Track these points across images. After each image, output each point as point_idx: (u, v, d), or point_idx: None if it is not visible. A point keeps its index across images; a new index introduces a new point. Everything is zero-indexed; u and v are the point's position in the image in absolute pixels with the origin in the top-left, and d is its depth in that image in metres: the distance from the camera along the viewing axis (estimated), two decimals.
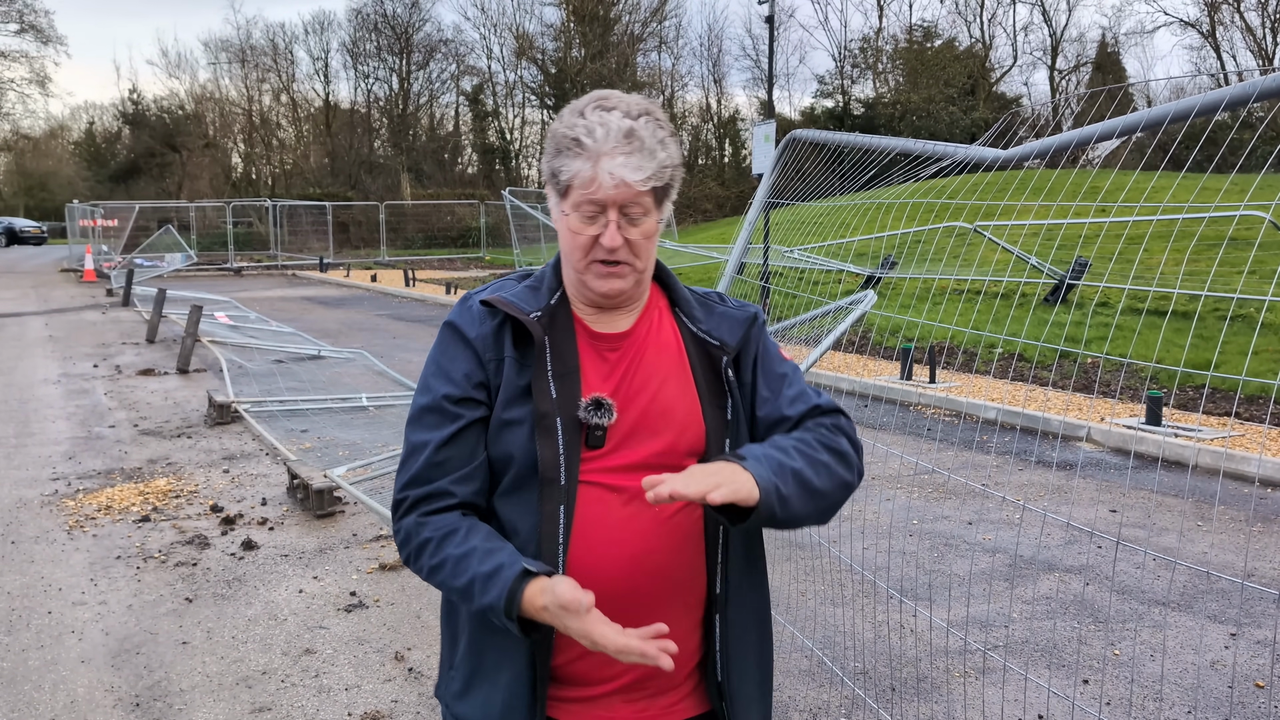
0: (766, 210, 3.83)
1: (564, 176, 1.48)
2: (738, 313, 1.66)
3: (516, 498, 1.52)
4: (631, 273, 1.52)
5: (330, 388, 9.86)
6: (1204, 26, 38.81)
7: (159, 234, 29.93)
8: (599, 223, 1.48)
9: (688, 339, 1.61)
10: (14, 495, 6.38)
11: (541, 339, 1.52)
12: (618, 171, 1.44)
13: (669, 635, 1.44)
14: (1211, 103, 1.78)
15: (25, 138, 55.53)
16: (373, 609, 4.54)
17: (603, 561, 1.50)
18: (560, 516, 1.49)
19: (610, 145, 1.45)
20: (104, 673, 3.92)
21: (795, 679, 3.84)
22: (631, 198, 1.47)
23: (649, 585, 1.52)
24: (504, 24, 48.95)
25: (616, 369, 1.56)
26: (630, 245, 1.50)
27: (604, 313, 1.59)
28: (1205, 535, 5.55)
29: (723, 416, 1.58)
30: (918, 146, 2.84)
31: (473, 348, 1.54)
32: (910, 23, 44.35)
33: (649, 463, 1.53)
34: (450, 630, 1.63)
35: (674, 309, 1.65)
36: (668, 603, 1.54)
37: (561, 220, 1.53)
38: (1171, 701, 3.66)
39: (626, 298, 1.57)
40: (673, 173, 1.52)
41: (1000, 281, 13.00)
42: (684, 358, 1.60)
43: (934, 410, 8.93)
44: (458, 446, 1.52)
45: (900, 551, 5.26)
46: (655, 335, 1.60)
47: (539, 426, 1.49)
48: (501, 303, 1.54)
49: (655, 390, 1.56)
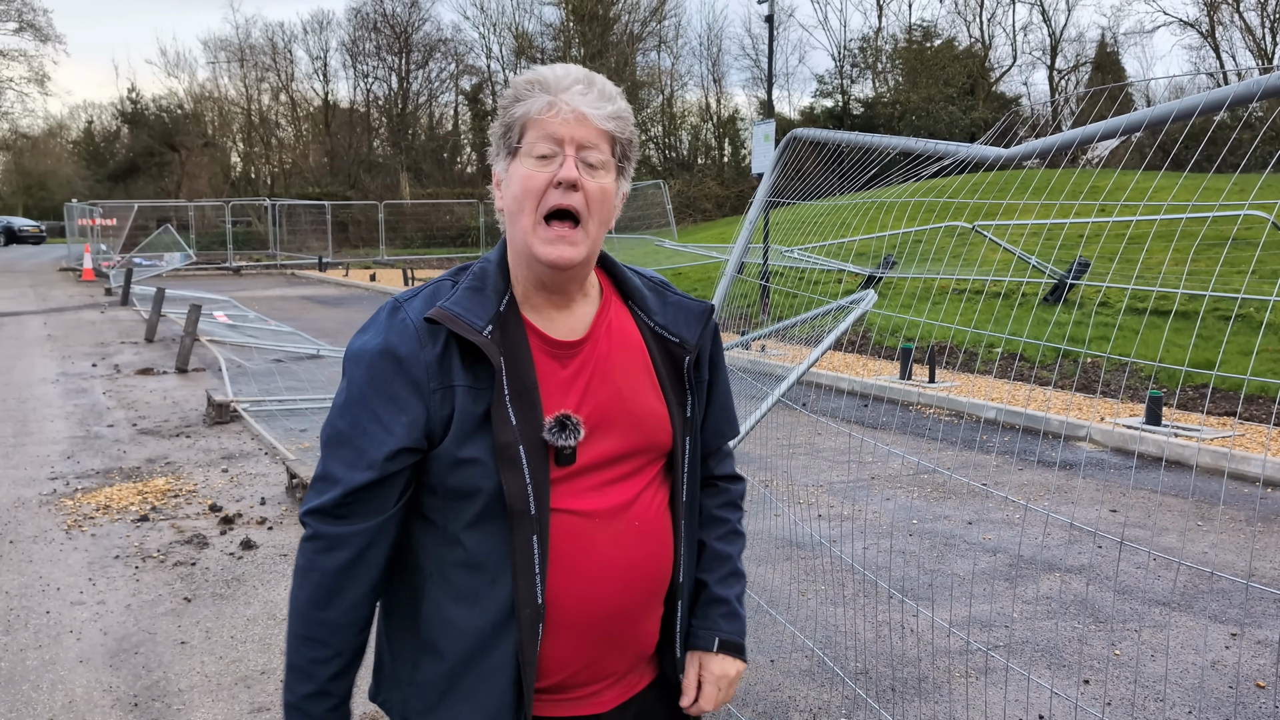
0: (766, 210, 3.82)
1: (518, 114, 1.41)
2: (692, 304, 1.61)
3: (484, 531, 1.43)
4: (583, 238, 1.41)
5: (329, 387, 9.85)
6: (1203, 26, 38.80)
7: (158, 233, 29.91)
8: (554, 162, 1.39)
9: (646, 334, 1.55)
10: (12, 495, 6.37)
11: (498, 362, 1.40)
12: (575, 101, 1.39)
13: (644, 632, 1.55)
14: (1214, 101, 1.77)
15: (24, 137, 55.49)
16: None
17: (586, 585, 1.46)
18: (534, 548, 1.41)
19: (569, 83, 1.41)
20: (102, 672, 3.91)
21: (795, 679, 3.83)
22: (591, 136, 1.40)
23: (633, 596, 1.51)
24: (503, 23, 48.89)
25: (579, 379, 1.47)
26: (586, 195, 1.40)
27: (555, 310, 1.49)
28: (1206, 535, 5.54)
29: (684, 414, 1.56)
30: (919, 145, 2.83)
31: (415, 381, 1.40)
32: (910, 22, 44.36)
33: (621, 472, 1.50)
34: (402, 646, 1.53)
35: (627, 302, 1.57)
36: (646, 607, 1.55)
37: (514, 175, 1.42)
38: (1172, 702, 3.65)
39: (574, 274, 1.46)
40: (630, 132, 1.46)
41: (1000, 281, 13.00)
42: (646, 355, 1.54)
43: (934, 410, 8.93)
44: (377, 494, 1.43)
45: (900, 551, 5.25)
46: (616, 335, 1.53)
47: (501, 459, 1.39)
48: (448, 319, 1.39)
49: (622, 397, 1.49)
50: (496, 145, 1.47)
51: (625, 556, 1.48)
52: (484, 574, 1.43)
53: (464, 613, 1.45)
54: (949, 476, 6.58)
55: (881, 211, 10.91)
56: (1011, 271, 13.10)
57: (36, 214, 51.62)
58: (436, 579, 1.47)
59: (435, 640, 1.47)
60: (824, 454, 7.31)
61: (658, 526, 1.53)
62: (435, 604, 1.47)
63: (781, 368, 10.14)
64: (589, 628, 1.48)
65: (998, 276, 12.64)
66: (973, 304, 11.92)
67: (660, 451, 1.54)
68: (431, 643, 1.47)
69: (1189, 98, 1.80)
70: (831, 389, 9.74)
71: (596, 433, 1.46)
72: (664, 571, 1.55)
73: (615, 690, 1.56)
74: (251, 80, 49.81)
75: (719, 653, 1.63)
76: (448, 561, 1.46)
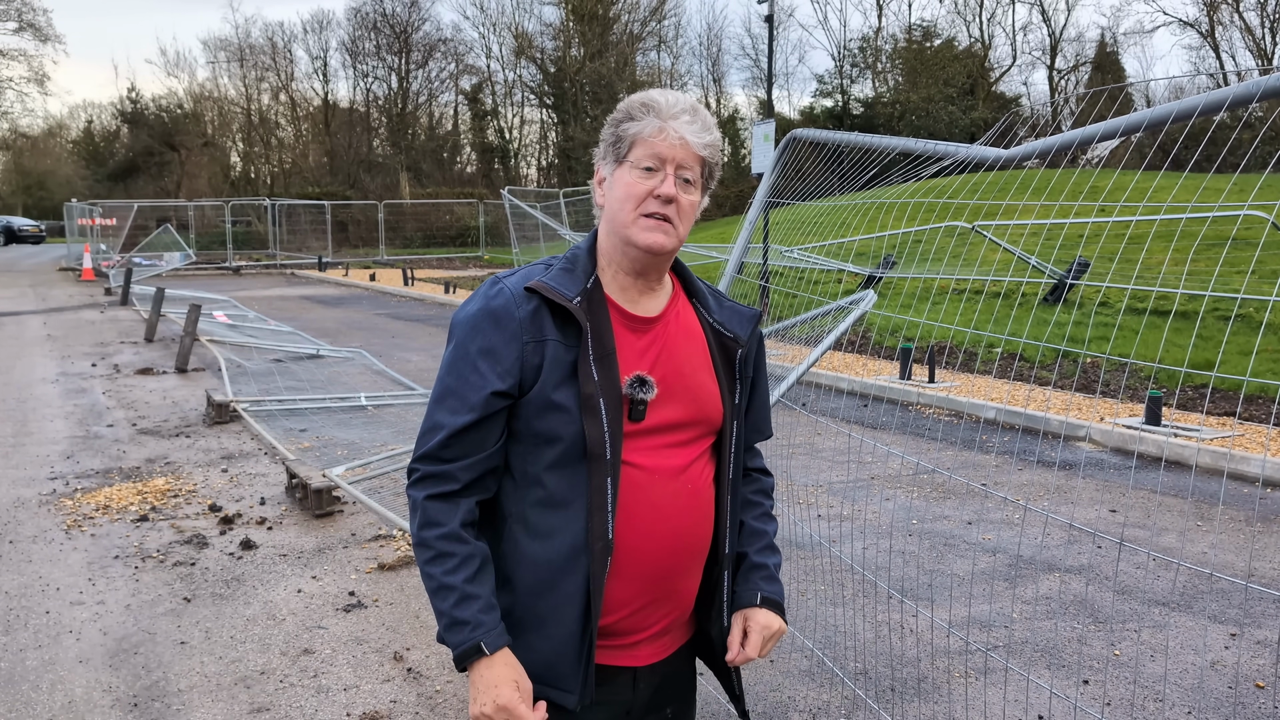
0: (766, 210, 3.82)
1: (630, 131, 1.64)
2: (744, 310, 1.84)
3: (565, 472, 1.63)
4: (674, 233, 1.65)
5: (329, 387, 9.85)
6: (1203, 26, 38.81)
7: (157, 233, 29.90)
8: (656, 177, 1.63)
9: (706, 328, 1.77)
10: (12, 495, 6.36)
11: (585, 324, 1.62)
12: (682, 130, 1.63)
13: (685, 589, 1.75)
14: (1215, 102, 1.77)
15: (24, 136, 55.48)
16: (371, 609, 4.53)
17: (646, 531, 1.66)
18: (608, 489, 1.61)
19: (677, 110, 1.65)
20: (102, 672, 3.91)
21: (795, 679, 3.83)
22: (688, 159, 1.64)
23: (683, 553, 1.71)
24: (503, 23, 48.90)
25: (651, 349, 1.69)
26: (678, 206, 1.64)
27: (637, 294, 1.71)
28: (1205, 535, 5.54)
29: (733, 401, 1.77)
30: (919, 146, 2.83)
31: (514, 332, 1.61)
32: (909, 22, 44.36)
33: (679, 439, 1.70)
34: (498, 570, 1.70)
35: (691, 299, 1.80)
36: (691, 566, 1.75)
37: (619, 180, 1.65)
38: (1172, 702, 3.65)
39: (661, 262, 1.69)
40: (718, 157, 1.71)
41: (1000, 281, 12.99)
42: (705, 344, 1.76)
43: (933, 410, 8.93)
44: (476, 435, 1.63)
45: (900, 551, 5.25)
46: (682, 320, 1.75)
47: (585, 408, 1.60)
48: (544, 288, 1.62)
49: (685, 370, 1.71)
50: (605, 151, 1.70)
51: (678, 514, 1.69)
52: (561, 511, 1.63)
53: (539, 547, 1.64)
54: (949, 477, 6.58)
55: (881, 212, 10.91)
56: (1012, 271, 13.10)
57: (36, 214, 51.60)
58: (515, 519, 1.67)
59: (511, 574, 1.67)
60: (823, 454, 7.30)
61: (706, 494, 1.74)
62: (514, 540, 1.67)
63: (781, 368, 10.14)
64: (644, 571, 1.67)
65: (997, 276, 12.64)
66: (972, 304, 11.92)
67: (712, 427, 1.75)
68: (506, 576, 1.67)
69: (1189, 99, 1.80)
70: (831, 389, 9.74)
71: (661, 399, 1.67)
72: (707, 536, 1.76)
73: (651, 648, 1.75)
74: (251, 80, 49.83)
75: (762, 606, 1.81)
76: (528, 501, 1.66)
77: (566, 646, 1.64)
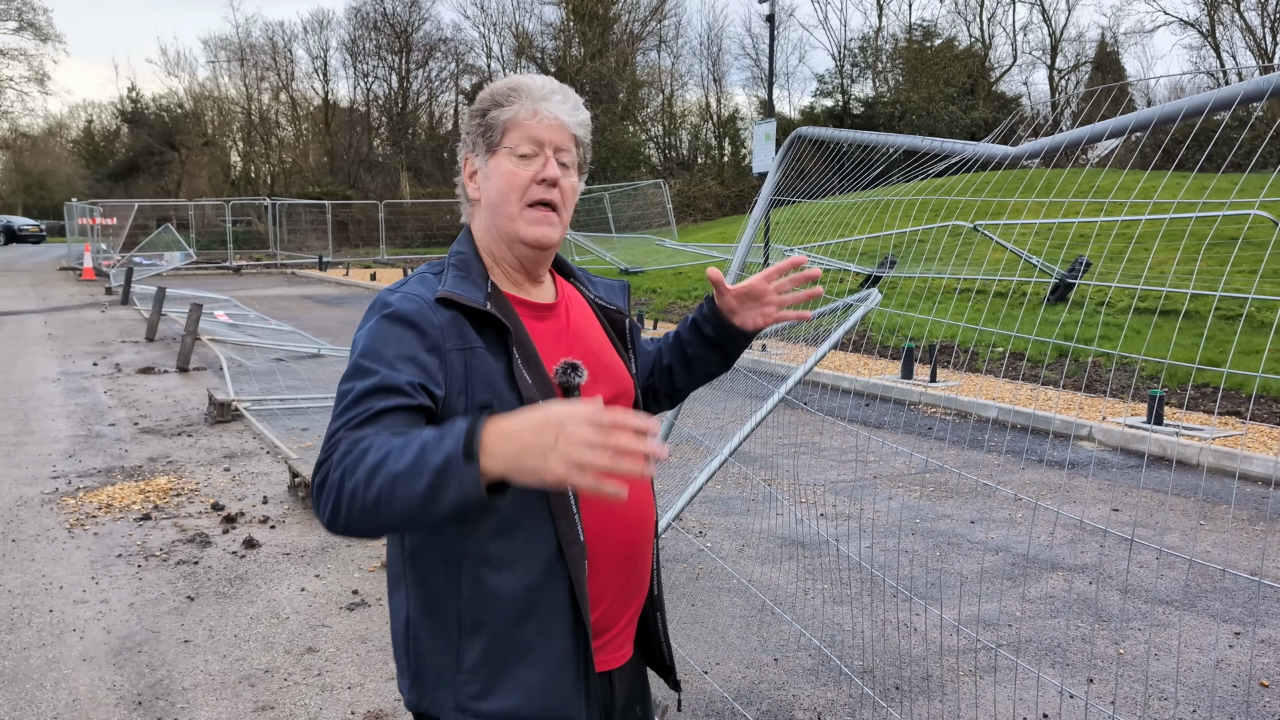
0: (768, 209, 3.82)
1: (503, 117, 1.58)
2: (615, 283, 1.86)
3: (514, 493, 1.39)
4: (558, 223, 1.61)
5: (330, 386, 9.84)
6: (1204, 26, 38.79)
7: (158, 232, 29.89)
8: (536, 162, 1.58)
9: (593, 306, 1.77)
10: (14, 493, 6.36)
11: (514, 325, 1.54)
12: (555, 109, 1.59)
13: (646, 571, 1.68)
14: (1225, 99, 1.77)
15: (24, 136, 55.46)
16: (375, 607, 4.52)
17: (613, 521, 1.59)
18: (568, 491, 1.51)
19: (548, 91, 1.60)
20: (106, 671, 3.90)
21: (799, 677, 3.83)
22: (565, 140, 1.60)
23: (644, 525, 1.67)
24: (503, 23, 48.87)
25: (564, 335, 1.65)
26: (561, 190, 1.60)
27: (530, 285, 1.66)
28: (1208, 534, 5.54)
29: (633, 371, 1.77)
30: (924, 144, 2.83)
31: (436, 340, 1.47)
32: (910, 22, 44.34)
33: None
34: (444, 641, 1.53)
35: (569, 280, 1.78)
36: (647, 542, 1.69)
37: (496, 170, 1.59)
38: (1177, 700, 3.65)
39: (549, 254, 1.65)
40: (589, 137, 1.68)
41: (1003, 281, 12.99)
42: (598, 321, 1.75)
43: (935, 409, 8.92)
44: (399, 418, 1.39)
45: (903, 550, 5.25)
46: (575, 304, 1.73)
47: None
48: (458, 297, 1.50)
49: (595, 349, 1.68)
50: (473, 142, 1.64)
51: (632, 495, 1.60)
52: (523, 532, 1.51)
53: (509, 578, 1.50)
54: (959, 475, 6.58)
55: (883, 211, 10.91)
56: (1014, 271, 13.10)
57: (36, 213, 51.57)
58: (472, 558, 1.51)
59: (482, 617, 1.51)
60: (826, 453, 7.30)
61: (648, 482, 1.71)
62: (477, 581, 1.51)
63: (784, 367, 10.14)
64: (618, 559, 1.61)
65: (999, 276, 12.64)
66: (974, 303, 11.92)
67: (630, 399, 1.72)
68: (478, 621, 1.51)
69: (1200, 95, 1.79)
70: (833, 389, 9.74)
71: (588, 382, 1.60)
72: (653, 510, 1.72)
73: (623, 644, 1.68)
74: (251, 79, 49.80)
75: (705, 308, 1.85)
76: (482, 534, 1.50)
77: (562, 666, 1.52)
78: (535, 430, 1.22)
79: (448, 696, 1.54)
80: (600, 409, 1.22)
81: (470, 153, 1.65)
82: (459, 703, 1.53)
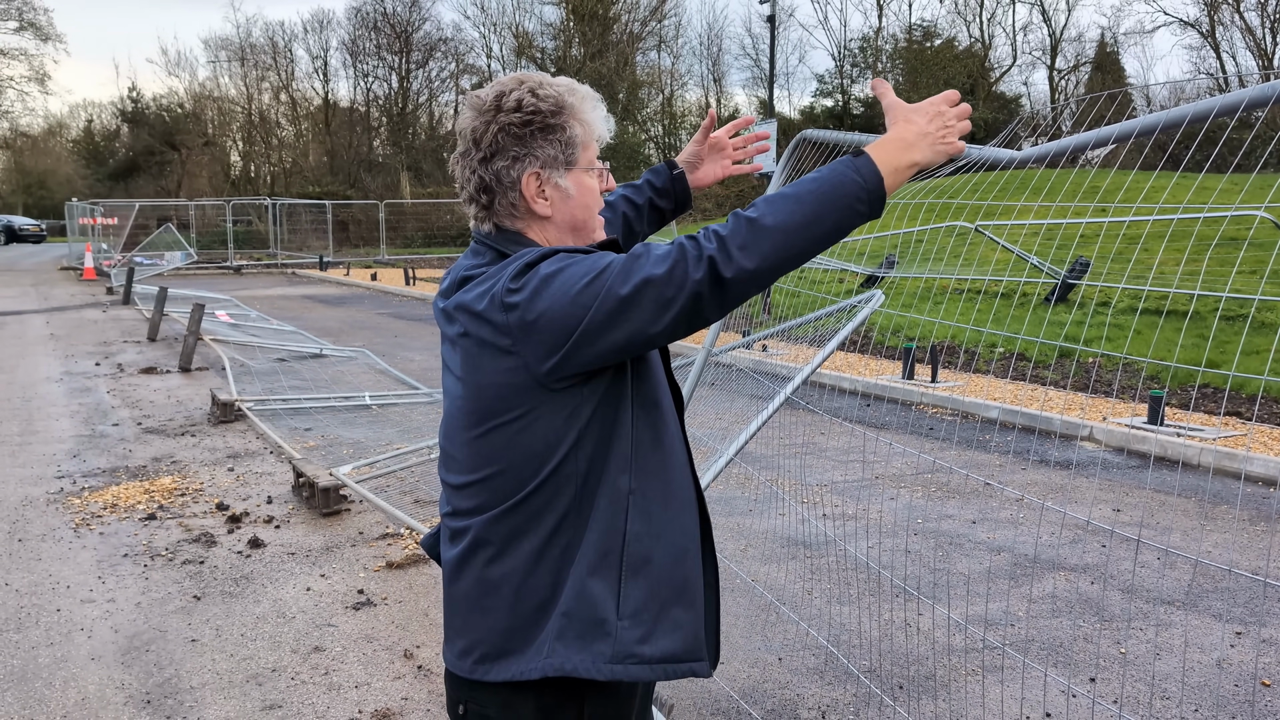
0: None
1: (578, 136, 1.58)
2: None
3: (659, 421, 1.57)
4: None
5: (333, 386, 9.87)
6: (1204, 26, 38.82)
7: (159, 232, 29.89)
8: (594, 173, 1.63)
9: None
10: (19, 493, 6.38)
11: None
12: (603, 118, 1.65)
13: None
14: (1231, 104, 1.79)
15: (24, 135, 55.44)
16: (381, 607, 4.55)
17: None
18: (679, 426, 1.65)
19: (586, 94, 1.62)
20: (114, 670, 3.92)
21: (803, 676, 3.85)
22: None
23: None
24: (503, 23, 48.88)
25: None
26: None
27: None
28: (1209, 534, 5.56)
29: None
30: None
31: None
32: (910, 22, 44.37)
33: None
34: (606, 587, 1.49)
35: None
36: None
37: (579, 185, 1.60)
38: (1178, 699, 3.67)
39: None
40: None
41: (1001, 281, 13.01)
42: None
43: (937, 410, 8.95)
44: None
45: (905, 550, 5.27)
46: None
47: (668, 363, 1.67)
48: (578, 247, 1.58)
49: None
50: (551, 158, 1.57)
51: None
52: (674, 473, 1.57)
53: (673, 514, 1.55)
54: (963, 475, 6.60)
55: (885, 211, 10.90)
56: (1018, 272, 13.12)
57: (37, 213, 51.56)
58: (641, 493, 1.52)
59: (650, 553, 1.51)
60: (828, 454, 7.32)
61: None
62: (647, 516, 1.52)
63: (786, 368, 10.16)
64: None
65: (999, 276, 12.66)
66: (974, 304, 11.94)
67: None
68: (644, 558, 1.50)
69: (1206, 100, 1.81)
70: (834, 389, 9.76)
71: None
72: None
73: None
74: (252, 79, 49.82)
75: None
76: (649, 468, 1.53)
77: (706, 605, 1.56)
78: (927, 117, 1.53)
79: (603, 648, 1.48)
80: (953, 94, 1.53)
81: (540, 168, 1.57)
82: (618, 651, 1.47)
